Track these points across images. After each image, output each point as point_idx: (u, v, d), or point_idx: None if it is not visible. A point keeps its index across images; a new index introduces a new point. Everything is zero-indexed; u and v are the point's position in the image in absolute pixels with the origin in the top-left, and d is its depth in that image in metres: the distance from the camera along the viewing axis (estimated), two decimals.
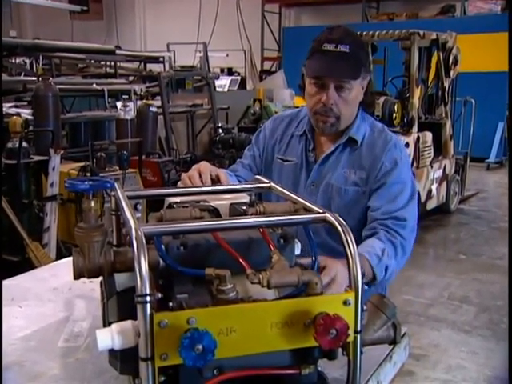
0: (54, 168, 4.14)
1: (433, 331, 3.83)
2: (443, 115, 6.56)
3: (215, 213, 1.26)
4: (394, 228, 1.66)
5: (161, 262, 1.03)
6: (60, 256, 3.91)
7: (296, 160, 1.88)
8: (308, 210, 1.15)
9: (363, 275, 1.38)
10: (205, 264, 1.01)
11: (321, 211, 1.09)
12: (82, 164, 4.44)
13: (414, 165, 5.89)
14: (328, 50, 1.68)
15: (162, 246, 1.04)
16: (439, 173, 6.44)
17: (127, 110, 5.96)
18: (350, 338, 0.97)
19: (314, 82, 1.73)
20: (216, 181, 1.65)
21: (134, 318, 0.90)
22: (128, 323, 0.93)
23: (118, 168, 4.60)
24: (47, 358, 1.35)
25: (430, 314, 4.10)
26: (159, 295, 0.94)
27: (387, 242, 1.62)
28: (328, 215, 1.06)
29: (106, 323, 1.11)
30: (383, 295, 1.15)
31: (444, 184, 6.61)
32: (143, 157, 5.34)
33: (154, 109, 6.09)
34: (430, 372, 3.29)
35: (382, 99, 5.77)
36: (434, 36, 6.23)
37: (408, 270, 4.95)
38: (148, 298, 0.87)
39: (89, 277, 1.06)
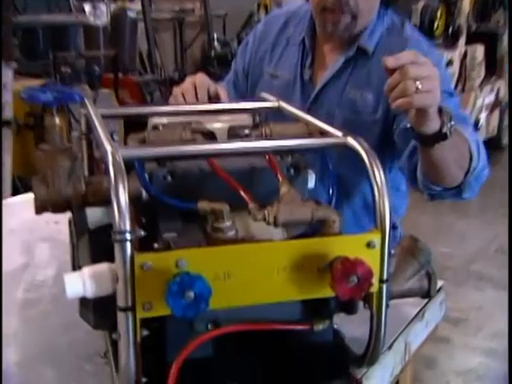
0: (5, 85, 4.09)
1: (475, 291, 3.88)
2: (501, 23, 6.42)
3: (210, 137, 1.26)
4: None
5: (144, 193, 1.04)
6: (16, 194, 3.93)
7: (287, 76, 1.77)
8: (324, 134, 1.15)
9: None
10: (197, 197, 1.01)
11: (340, 135, 1.08)
12: (41, 81, 4.40)
13: (459, 87, 5.84)
14: None
15: (146, 175, 1.04)
16: (491, 98, 6.38)
17: (98, 15, 5.87)
18: (374, 288, 0.97)
19: None
20: (214, 99, 1.62)
21: (111, 260, 0.90)
22: (103, 266, 0.93)
23: (87, 87, 4.58)
24: (4, 311, 1.37)
25: (473, 271, 4.15)
26: (142, 232, 0.95)
27: None
28: (350, 139, 1.05)
29: (76, 268, 1.13)
30: (416, 238, 1.15)
31: (496, 112, 6.56)
32: (119, 74, 5.30)
33: (132, 14, 6.00)
34: (469, 339, 3.36)
35: (420, 3, 5.66)
36: None
37: (446, 215, 4.98)
38: (128, 236, 0.86)
39: (54, 211, 1.06)
